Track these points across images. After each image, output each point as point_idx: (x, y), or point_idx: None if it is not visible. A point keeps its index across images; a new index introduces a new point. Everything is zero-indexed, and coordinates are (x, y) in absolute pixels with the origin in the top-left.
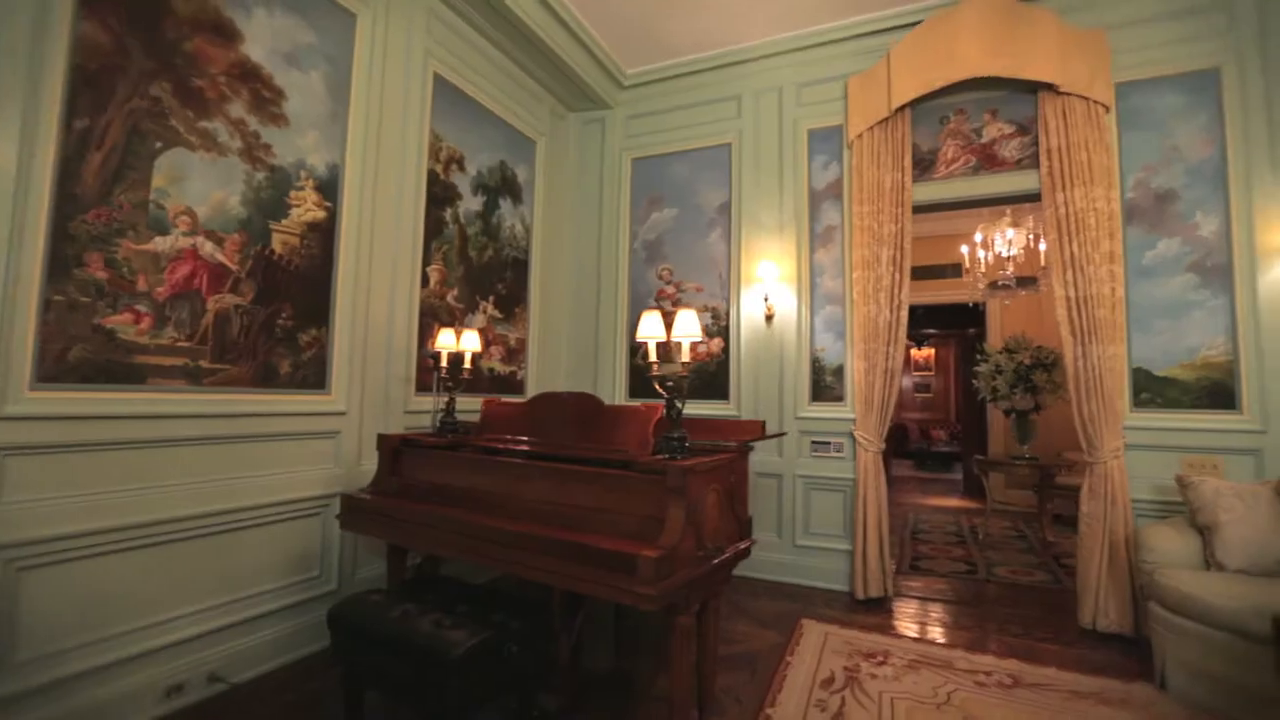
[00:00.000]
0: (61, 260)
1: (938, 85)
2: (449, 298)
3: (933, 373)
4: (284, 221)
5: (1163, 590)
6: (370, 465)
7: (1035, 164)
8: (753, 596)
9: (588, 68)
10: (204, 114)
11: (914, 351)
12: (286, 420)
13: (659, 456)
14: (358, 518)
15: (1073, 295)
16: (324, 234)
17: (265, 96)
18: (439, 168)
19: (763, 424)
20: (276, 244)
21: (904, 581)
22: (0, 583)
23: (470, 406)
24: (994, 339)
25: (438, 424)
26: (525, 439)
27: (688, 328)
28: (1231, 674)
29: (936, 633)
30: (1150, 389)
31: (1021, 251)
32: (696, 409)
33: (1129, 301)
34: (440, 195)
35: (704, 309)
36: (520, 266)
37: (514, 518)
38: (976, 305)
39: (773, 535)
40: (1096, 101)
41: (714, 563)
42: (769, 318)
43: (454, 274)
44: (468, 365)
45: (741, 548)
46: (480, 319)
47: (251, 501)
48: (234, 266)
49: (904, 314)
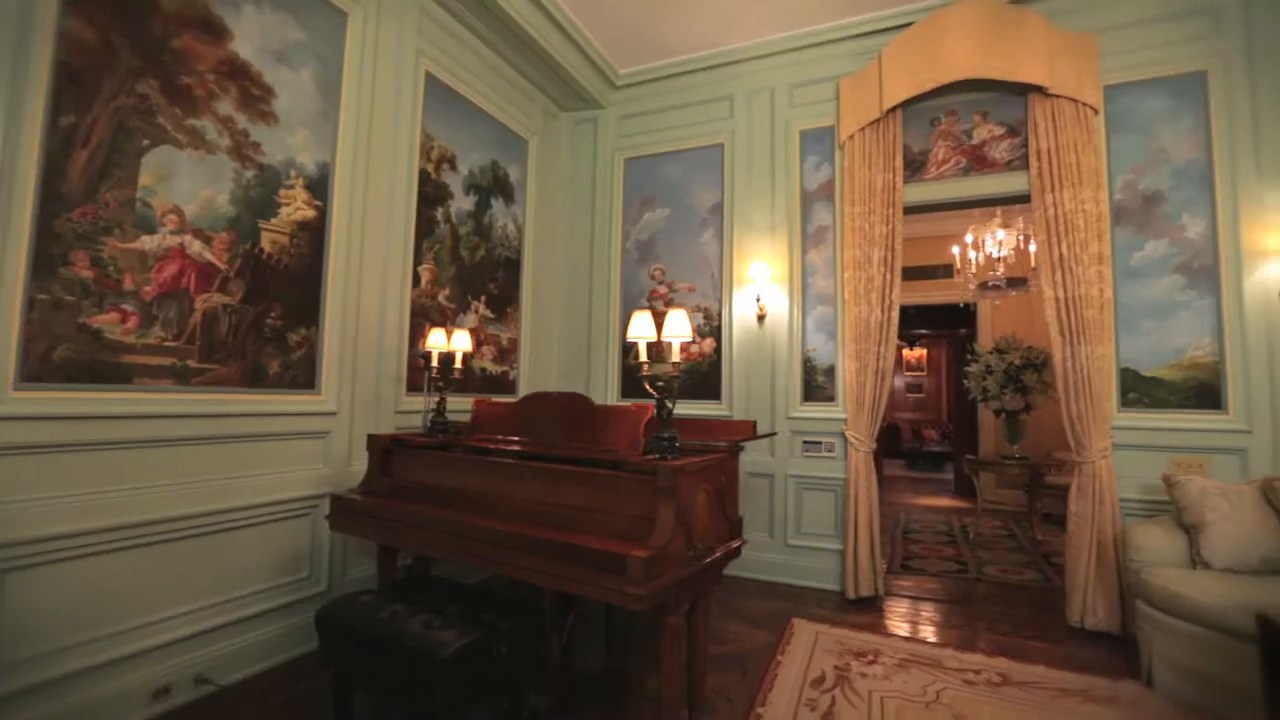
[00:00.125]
0: (46, 259)
1: (929, 87)
2: (440, 297)
3: (925, 373)
4: (273, 220)
5: (1149, 588)
6: (361, 465)
7: (1025, 165)
8: (744, 596)
9: (580, 68)
10: (192, 111)
11: (906, 352)
12: (276, 420)
13: (649, 456)
14: (347, 518)
15: (1062, 296)
16: (314, 233)
17: (254, 94)
18: (430, 167)
19: (753, 424)
20: (266, 243)
21: (895, 581)
22: None
23: (462, 406)
24: (985, 339)
25: (428, 424)
26: (516, 439)
27: (678, 328)
28: (1217, 671)
29: (927, 632)
30: (1138, 389)
31: (1012, 252)
32: (689, 409)
33: (1117, 302)
34: (432, 194)
35: (696, 309)
36: (512, 266)
37: (504, 518)
38: (968, 306)
39: (764, 535)
40: (1085, 104)
41: (704, 563)
42: (761, 318)
43: (445, 273)
44: (459, 365)
45: (732, 547)
46: (472, 319)
47: (241, 502)
48: (222, 265)
49: (895, 314)
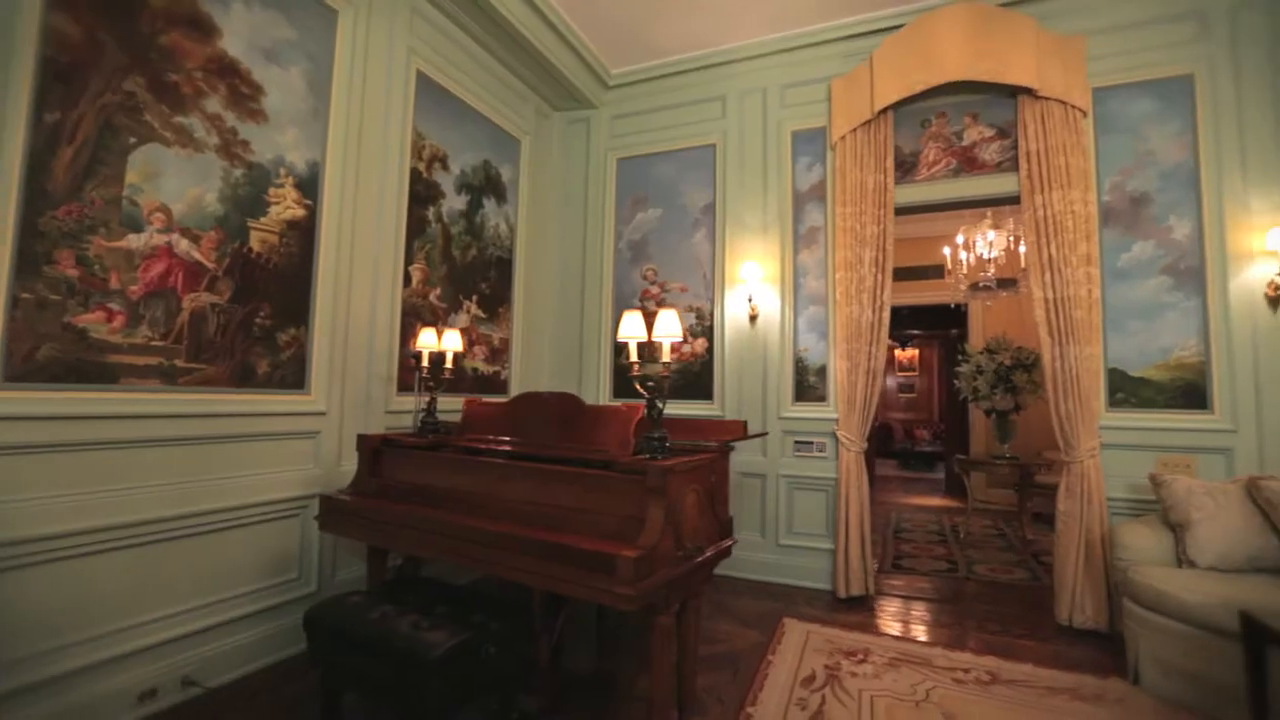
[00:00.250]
0: (30, 257)
1: (919, 88)
2: (432, 297)
3: (916, 373)
4: (263, 219)
5: (1137, 587)
6: (350, 466)
7: (1015, 167)
8: (736, 596)
9: (573, 68)
10: (180, 109)
11: (898, 352)
12: (265, 420)
13: (640, 456)
14: (337, 519)
15: (1051, 296)
16: (304, 232)
17: (243, 92)
18: (422, 166)
19: (744, 424)
20: (255, 242)
21: (886, 580)
22: None
23: (452, 406)
24: (976, 340)
25: (419, 424)
26: (506, 439)
27: (669, 328)
28: (1203, 669)
29: (917, 630)
30: (1125, 389)
31: (1002, 253)
32: (681, 409)
33: (1105, 303)
34: (423, 194)
35: (688, 309)
36: (504, 266)
37: (494, 518)
38: (959, 306)
39: (756, 535)
40: (1074, 106)
41: (694, 562)
42: (753, 318)
43: (437, 273)
44: (450, 365)
45: (722, 547)
46: (464, 318)
47: (230, 503)
48: (210, 264)
49: (886, 315)
